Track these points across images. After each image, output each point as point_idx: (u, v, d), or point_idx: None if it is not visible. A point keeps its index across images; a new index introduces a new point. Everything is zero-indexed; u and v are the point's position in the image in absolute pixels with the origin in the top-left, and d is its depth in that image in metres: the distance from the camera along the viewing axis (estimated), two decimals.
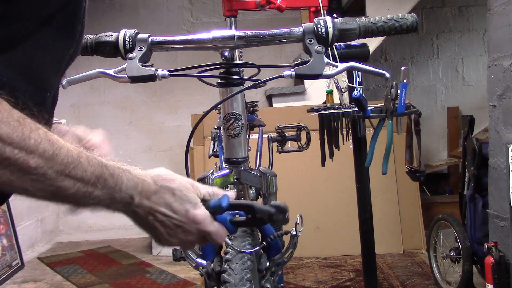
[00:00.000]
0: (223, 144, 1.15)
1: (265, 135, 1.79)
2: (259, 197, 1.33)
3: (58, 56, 0.75)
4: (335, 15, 1.87)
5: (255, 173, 1.20)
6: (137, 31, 1.01)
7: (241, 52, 1.22)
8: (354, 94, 1.77)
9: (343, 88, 2.22)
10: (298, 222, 1.03)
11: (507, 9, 2.24)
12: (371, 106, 1.89)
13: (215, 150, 1.73)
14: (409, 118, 2.12)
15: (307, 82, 3.84)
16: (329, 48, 0.92)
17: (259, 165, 1.37)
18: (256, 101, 1.79)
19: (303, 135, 1.92)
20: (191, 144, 4.21)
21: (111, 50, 1.00)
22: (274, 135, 1.86)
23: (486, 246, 2.23)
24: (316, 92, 3.78)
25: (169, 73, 0.97)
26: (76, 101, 4.61)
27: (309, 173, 3.37)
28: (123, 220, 4.74)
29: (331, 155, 2.18)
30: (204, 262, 1.05)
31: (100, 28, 1.22)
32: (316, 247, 3.45)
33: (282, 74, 0.91)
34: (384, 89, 1.97)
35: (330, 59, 0.90)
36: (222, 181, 1.18)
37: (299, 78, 0.91)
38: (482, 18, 4.74)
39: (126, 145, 4.67)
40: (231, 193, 0.81)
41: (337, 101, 2.38)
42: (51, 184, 0.64)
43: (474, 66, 5.00)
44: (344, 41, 0.91)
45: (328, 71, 0.89)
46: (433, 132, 4.95)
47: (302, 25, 0.91)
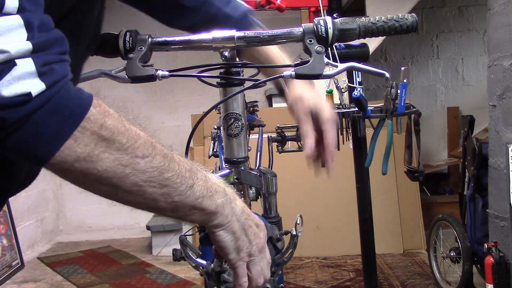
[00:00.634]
0: (223, 144, 1.15)
1: (265, 135, 1.79)
2: (259, 197, 1.33)
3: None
4: (335, 15, 1.87)
5: (255, 173, 1.20)
6: (137, 31, 1.01)
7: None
8: (354, 94, 1.77)
9: (343, 88, 2.22)
10: (298, 222, 1.03)
11: (507, 9, 2.24)
12: (371, 106, 1.89)
13: (215, 150, 1.72)
14: (409, 118, 2.13)
15: None
16: (329, 48, 0.92)
17: (259, 165, 1.37)
18: (256, 101, 1.78)
19: None
20: (191, 144, 4.20)
21: (111, 50, 1.00)
22: (274, 135, 1.86)
23: (486, 246, 2.23)
24: None
25: (169, 73, 0.97)
26: None
27: (309, 173, 3.34)
28: (123, 220, 4.73)
29: None
30: (204, 262, 1.05)
31: None
32: (316, 247, 3.45)
33: (282, 74, 0.91)
34: (384, 89, 1.97)
35: (330, 59, 0.90)
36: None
37: (299, 78, 0.91)
38: (482, 18, 4.74)
39: None
40: None
41: (337, 101, 2.38)
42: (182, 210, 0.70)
43: (474, 66, 5.00)
44: (344, 41, 0.91)
45: (328, 71, 0.89)
46: (433, 132, 4.95)
47: (302, 25, 0.91)
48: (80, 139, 0.59)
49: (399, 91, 1.78)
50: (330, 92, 2.47)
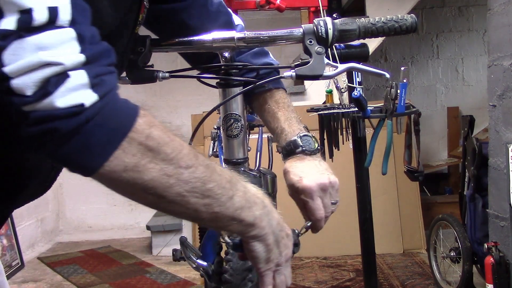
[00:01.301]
0: (222, 144, 1.15)
1: (265, 135, 1.78)
2: None
3: None
4: (334, 15, 1.87)
5: (255, 173, 1.20)
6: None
7: None
8: (354, 94, 1.77)
9: (342, 88, 2.22)
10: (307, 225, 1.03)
11: (507, 9, 2.24)
12: (371, 106, 1.89)
13: (215, 150, 1.72)
14: (409, 118, 2.13)
15: (307, 82, 3.84)
16: (328, 49, 0.92)
17: (259, 166, 1.37)
18: None
19: None
20: (191, 144, 4.19)
21: None
22: None
23: (486, 246, 2.23)
24: (316, 92, 3.78)
25: (170, 75, 0.97)
26: None
27: None
28: (123, 220, 4.72)
29: (331, 155, 2.19)
30: (205, 263, 1.05)
31: None
32: (316, 247, 3.45)
33: (283, 75, 0.91)
34: (384, 89, 1.97)
35: (330, 60, 0.90)
36: None
37: (300, 79, 0.91)
38: (482, 18, 4.74)
39: None
40: None
41: (337, 101, 2.38)
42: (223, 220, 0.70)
43: (474, 66, 5.00)
44: (344, 42, 0.91)
45: (328, 71, 0.89)
46: (433, 132, 4.95)
47: (302, 26, 0.91)
48: (128, 149, 0.60)
49: (399, 91, 1.78)
50: (330, 92, 2.47)
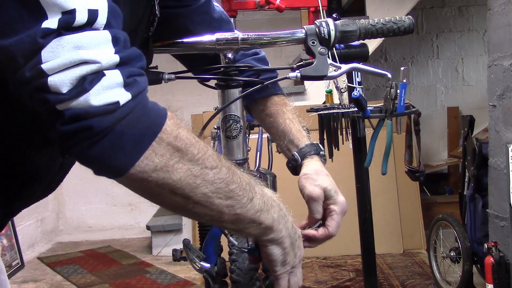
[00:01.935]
0: (222, 145, 1.15)
1: (264, 135, 1.79)
2: None
3: None
4: (334, 15, 1.87)
5: (255, 174, 1.20)
6: None
7: None
8: (354, 94, 1.77)
9: (342, 88, 2.22)
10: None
11: (507, 9, 2.24)
12: (370, 106, 1.90)
13: (215, 150, 1.73)
14: (408, 118, 2.13)
15: (307, 82, 3.84)
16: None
17: (259, 166, 1.38)
18: None
19: None
20: None
21: None
22: None
23: (486, 246, 2.23)
24: (315, 92, 3.78)
25: (175, 76, 0.98)
26: None
27: None
28: (123, 220, 4.71)
29: (331, 155, 2.19)
30: (208, 265, 1.05)
31: None
32: (316, 247, 3.45)
33: (288, 76, 0.92)
34: (384, 89, 1.97)
35: (330, 60, 0.90)
36: None
37: (305, 79, 0.91)
38: (482, 18, 4.74)
39: None
40: None
41: (336, 101, 2.38)
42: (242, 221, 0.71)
43: (474, 66, 5.00)
44: (344, 42, 0.92)
45: (331, 72, 0.90)
46: (433, 132, 4.95)
47: (304, 27, 0.92)
48: (157, 149, 0.61)
49: (398, 91, 1.78)
50: (329, 92, 2.47)
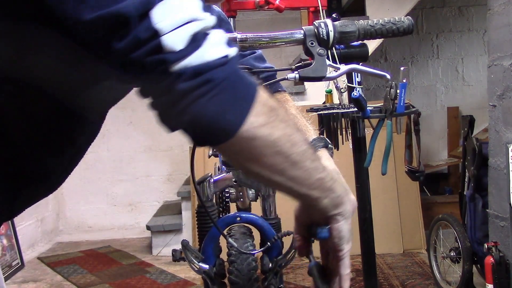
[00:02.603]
0: None
1: None
2: (258, 197, 1.33)
3: (116, 95, 0.85)
4: (334, 15, 1.87)
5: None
6: None
7: None
8: (353, 94, 1.77)
9: (342, 88, 2.22)
10: None
11: (507, 9, 2.24)
12: (370, 106, 1.89)
13: (215, 150, 1.73)
14: (408, 118, 2.12)
15: (307, 82, 3.84)
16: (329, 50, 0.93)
17: None
18: None
19: None
20: (191, 144, 4.19)
21: None
22: None
23: (486, 246, 2.23)
24: (315, 92, 3.78)
25: None
26: None
27: None
28: (123, 220, 4.72)
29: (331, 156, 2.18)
30: (206, 266, 1.06)
31: None
32: (316, 247, 3.45)
33: (287, 77, 0.92)
34: (383, 89, 1.97)
35: (329, 61, 0.90)
36: (221, 183, 1.19)
37: (303, 80, 0.91)
38: (482, 18, 4.74)
39: (126, 145, 4.67)
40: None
41: (336, 101, 2.38)
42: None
43: (474, 66, 5.00)
44: (343, 43, 0.92)
45: (331, 73, 0.90)
46: (433, 132, 4.95)
47: (303, 28, 0.92)
48: (259, 106, 0.61)
49: (398, 91, 1.78)
50: (329, 92, 2.47)
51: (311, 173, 0.68)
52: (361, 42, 2.06)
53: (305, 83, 3.86)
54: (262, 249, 1.09)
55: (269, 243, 1.08)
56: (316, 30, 0.90)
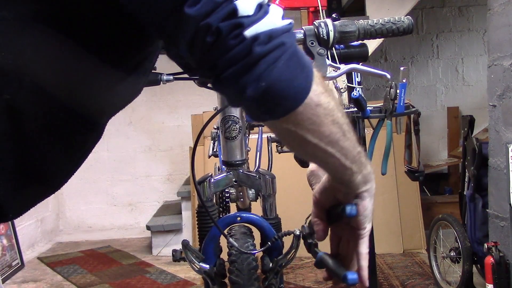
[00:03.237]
0: (221, 146, 1.15)
1: (264, 135, 1.79)
2: (258, 197, 1.33)
3: (126, 100, 0.86)
4: (334, 15, 1.87)
5: (254, 175, 1.20)
6: None
7: None
8: (353, 94, 1.77)
9: (342, 88, 2.22)
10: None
11: (507, 9, 2.24)
12: (370, 106, 1.89)
13: (215, 150, 1.73)
14: (408, 118, 2.12)
15: None
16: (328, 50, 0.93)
17: (259, 166, 1.38)
18: None
19: None
20: (191, 144, 4.22)
21: None
22: (273, 135, 1.86)
23: (486, 246, 2.23)
24: None
25: (174, 77, 0.98)
26: None
27: None
28: (123, 220, 4.72)
29: None
30: (207, 266, 1.05)
31: None
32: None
33: None
34: (383, 89, 1.97)
35: (329, 60, 0.90)
36: (221, 183, 1.19)
37: None
38: (482, 18, 4.74)
39: (126, 145, 4.67)
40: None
41: None
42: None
43: (474, 66, 5.00)
44: (343, 43, 0.92)
45: (330, 72, 0.90)
46: (433, 132, 4.95)
47: (303, 27, 0.91)
48: (316, 74, 0.63)
49: (398, 91, 1.78)
50: None
51: (355, 145, 0.70)
52: (361, 42, 2.07)
53: None
54: (262, 249, 1.09)
55: (269, 243, 1.08)
56: (316, 30, 0.90)
